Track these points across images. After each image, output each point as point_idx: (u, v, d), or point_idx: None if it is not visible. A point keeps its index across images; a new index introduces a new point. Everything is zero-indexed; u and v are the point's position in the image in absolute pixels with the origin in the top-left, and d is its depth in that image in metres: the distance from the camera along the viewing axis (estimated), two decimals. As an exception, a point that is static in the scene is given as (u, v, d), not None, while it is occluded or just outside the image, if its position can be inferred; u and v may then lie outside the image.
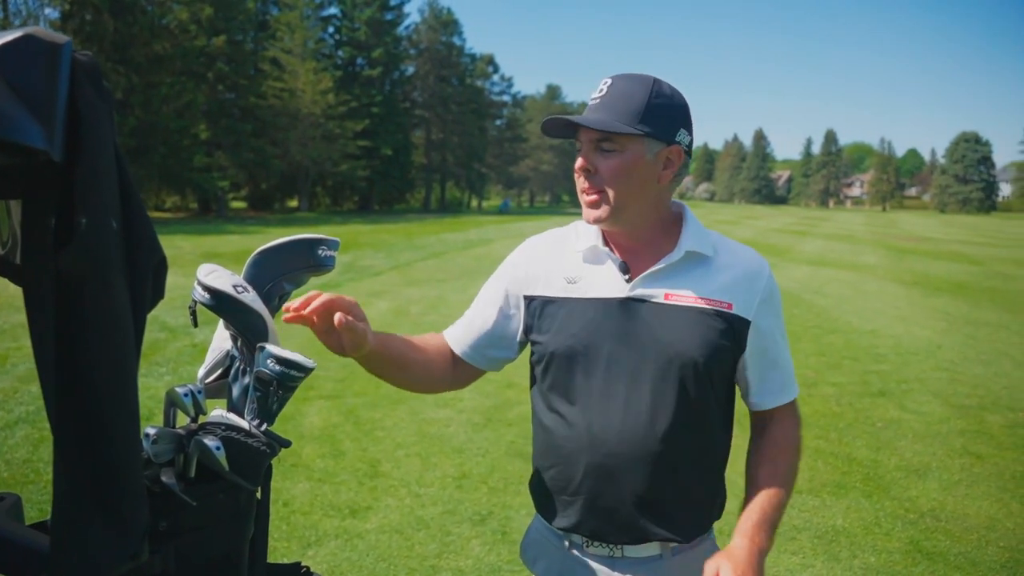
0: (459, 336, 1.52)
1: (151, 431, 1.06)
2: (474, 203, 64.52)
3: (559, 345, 1.37)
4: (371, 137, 43.28)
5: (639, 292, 1.34)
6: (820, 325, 9.19)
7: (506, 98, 65.72)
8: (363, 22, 46.11)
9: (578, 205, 1.37)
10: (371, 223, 31.65)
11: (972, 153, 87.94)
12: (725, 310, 1.32)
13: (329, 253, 1.31)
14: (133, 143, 29.61)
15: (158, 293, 0.89)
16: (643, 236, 1.38)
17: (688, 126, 1.34)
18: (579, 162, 1.32)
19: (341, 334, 1.23)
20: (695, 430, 1.33)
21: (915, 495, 4.15)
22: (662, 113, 1.30)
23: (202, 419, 1.19)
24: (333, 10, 46.47)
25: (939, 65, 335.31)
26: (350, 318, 1.21)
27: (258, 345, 1.17)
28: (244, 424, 1.18)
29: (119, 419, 0.84)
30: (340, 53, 46.29)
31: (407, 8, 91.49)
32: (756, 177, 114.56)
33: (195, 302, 1.21)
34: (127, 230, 0.82)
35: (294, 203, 46.57)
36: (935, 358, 7.51)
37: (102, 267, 0.78)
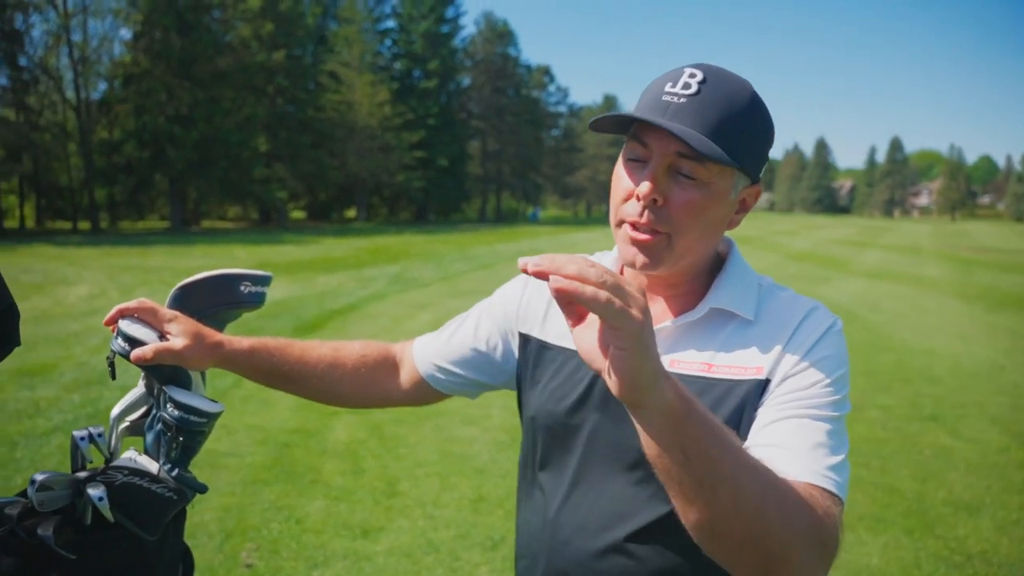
0: (427, 353, 1.29)
1: (38, 477, 1.00)
2: (530, 213, 64.58)
3: (539, 408, 1.11)
4: (427, 148, 43.90)
5: None
6: (871, 343, 8.78)
7: (562, 108, 65.86)
8: (419, 35, 46.87)
9: None
10: (425, 233, 31.94)
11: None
12: (745, 378, 0.96)
13: (254, 289, 1.24)
14: (196, 156, 30.79)
15: (9, 341, 0.84)
16: (673, 281, 1.04)
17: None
18: (645, 187, 0.91)
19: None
20: (682, 539, 0.80)
21: (964, 534, 3.85)
22: (760, 139, 0.96)
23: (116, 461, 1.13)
24: (390, 23, 47.48)
25: (1013, 66, 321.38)
26: (147, 350, 1.08)
27: (162, 387, 1.11)
28: (153, 469, 1.12)
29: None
30: (397, 65, 47.12)
31: (463, 20, 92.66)
32: (817, 186, 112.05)
33: (114, 353, 1.15)
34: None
35: (352, 213, 47.50)
36: (997, 381, 7.08)
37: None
